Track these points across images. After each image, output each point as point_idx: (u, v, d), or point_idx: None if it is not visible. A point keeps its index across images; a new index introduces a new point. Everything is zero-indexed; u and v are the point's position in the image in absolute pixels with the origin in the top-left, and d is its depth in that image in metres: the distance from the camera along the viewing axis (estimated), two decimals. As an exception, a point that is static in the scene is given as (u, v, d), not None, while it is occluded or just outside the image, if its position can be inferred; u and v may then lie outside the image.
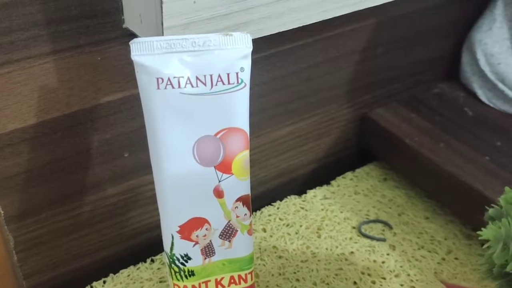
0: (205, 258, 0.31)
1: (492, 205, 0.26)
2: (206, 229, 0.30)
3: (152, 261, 0.42)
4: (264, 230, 0.45)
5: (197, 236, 0.30)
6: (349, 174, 0.51)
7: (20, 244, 0.36)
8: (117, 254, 0.42)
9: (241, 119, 0.30)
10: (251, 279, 0.32)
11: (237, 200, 0.31)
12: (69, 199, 0.37)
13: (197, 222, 0.30)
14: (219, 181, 0.30)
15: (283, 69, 0.42)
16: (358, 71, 0.47)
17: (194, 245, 0.30)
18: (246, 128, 0.30)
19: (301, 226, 0.45)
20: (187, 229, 0.30)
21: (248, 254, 0.32)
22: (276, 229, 0.45)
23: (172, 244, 0.30)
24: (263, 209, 0.47)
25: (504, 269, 0.26)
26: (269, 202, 0.47)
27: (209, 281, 0.31)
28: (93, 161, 0.36)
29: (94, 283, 0.40)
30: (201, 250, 0.31)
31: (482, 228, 0.24)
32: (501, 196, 0.27)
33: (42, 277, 0.39)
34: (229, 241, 0.31)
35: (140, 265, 0.42)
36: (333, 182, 0.50)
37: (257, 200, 0.47)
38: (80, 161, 0.36)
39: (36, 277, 0.38)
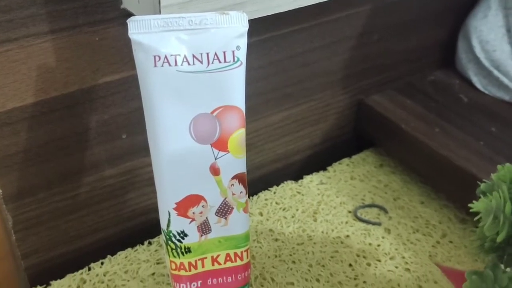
0: (202, 235, 0.31)
1: (484, 180, 0.27)
2: (203, 206, 0.31)
3: (150, 243, 0.43)
4: (261, 214, 0.46)
5: (193, 213, 0.31)
6: (345, 160, 0.51)
7: (18, 223, 0.37)
8: (115, 236, 0.42)
9: (237, 97, 0.30)
10: (247, 257, 0.33)
11: (233, 177, 0.31)
12: (67, 179, 0.37)
13: (194, 199, 0.31)
14: (215, 159, 0.30)
15: (279, 53, 0.42)
16: (354, 57, 0.47)
17: (191, 222, 0.31)
18: (242, 107, 0.30)
19: (297, 210, 0.46)
20: (184, 206, 0.30)
21: (244, 232, 0.32)
22: (273, 212, 0.46)
23: (169, 221, 0.31)
24: (259, 194, 0.47)
25: (495, 243, 0.26)
26: (265, 187, 0.48)
27: (205, 258, 0.32)
28: (91, 142, 0.37)
29: (92, 264, 0.41)
30: (198, 227, 0.31)
31: (474, 201, 0.25)
32: (493, 174, 0.28)
33: (40, 257, 0.39)
34: (225, 218, 0.31)
35: (137, 247, 0.42)
36: (329, 168, 0.50)
37: (254, 185, 0.47)
38: (78, 141, 0.36)
39: (34, 257, 0.39)
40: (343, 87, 0.49)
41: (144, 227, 0.43)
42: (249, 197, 0.47)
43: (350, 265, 0.41)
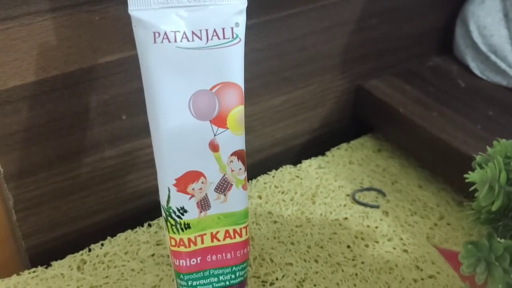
0: (201, 212, 0.32)
1: (479, 153, 0.27)
2: (202, 182, 0.31)
3: (150, 225, 0.43)
4: (260, 197, 0.46)
5: (193, 189, 0.31)
6: (343, 145, 0.52)
7: (19, 203, 0.37)
8: (115, 218, 0.42)
9: (236, 74, 0.30)
10: (246, 234, 0.33)
11: (232, 154, 0.31)
12: (68, 159, 0.38)
13: (193, 175, 0.31)
14: (215, 135, 0.31)
15: (278, 36, 0.43)
16: (353, 42, 0.48)
17: (190, 198, 0.31)
18: (241, 83, 0.31)
19: (296, 193, 0.46)
20: (183, 182, 0.31)
21: (243, 208, 0.32)
22: (272, 196, 0.46)
23: (169, 197, 0.31)
24: (258, 178, 0.48)
25: (490, 214, 0.27)
26: (264, 171, 0.48)
27: (205, 234, 0.32)
28: (91, 122, 0.37)
29: (92, 245, 0.41)
30: (197, 203, 0.31)
31: (470, 172, 0.25)
32: (489, 148, 0.28)
33: (41, 238, 0.39)
34: (224, 195, 0.32)
35: (137, 229, 0.43)
36: (327, 153, 0.51)
37: (253, 169, 0.48)
38: (78, 121, 0.37)
39: (35, 238, 0.39)
40: (342, 72, 0.49)
41: (144, 209, 0.43)
42: (248, 180, 0.47)
43: (349, 246, 0.42)
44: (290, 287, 0.38)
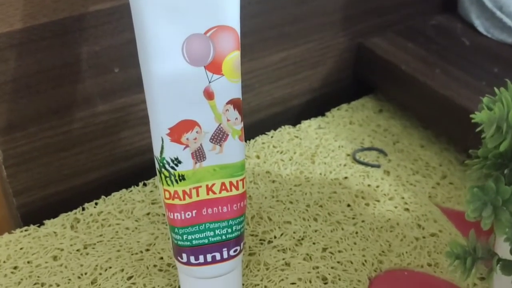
0: (196, 163, 0.30)
1: (487, 95, 0.26)
2: (197, 132, 0.30)
3: (145, 184, 0.42)
4: (258, 157, 0.45)
5: (187, 139, 0.30)
6: (344, 106, 0.50)
7: (9, 158, 0.36)
8: (109, 176, 0.41)
9: (232, 17, 0.29)
10: (243, 187, 0.32)
11: (228, 102, 0.30)
12: (59, 114, 0.36)
13: (187, 125, 0.30)
14: (209, 82, 0.29)
15: (277, -11, 0.41)
16: (354, -3, 0.46)
17: (185, 148, 0.30)
18: (237, 28, 0.29)
19: (295, 153, 0.45)
20: (177, 132, 0.30)
21: (239, 160, 0.31)
22: (270, 155, 0.45)
23: (162, 147, 0.30)
24: (256, 138, 0.46)
25: (497, 159, 0.25)
26: (263, 132, 0.47)
27: (200, 186, 0.31)
28: (82, 75, 0.36)
29: (86, 204, 0.40)
30: (192, 154, 0.30)
31: (476, 112, 0.24)
32: (497, 91, 0.27)
33: (32, 195, 0.38)
34: (220, 145, 0.31)
35: (132, 188, 0.42)
36: (327, 113, 0.50)
37: (251, 130, 0.46)
38: (69, 73, 0.35)
39: (26, 195, 0.38)
40: (343, 29, 0.47)
41: (139, 168, 0.42)
42: (246, 141, 0.46)
43: (349, 205, 0.41)
44: (288, 245, 0.37)
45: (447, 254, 0.26)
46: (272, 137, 0.47)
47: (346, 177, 0.43)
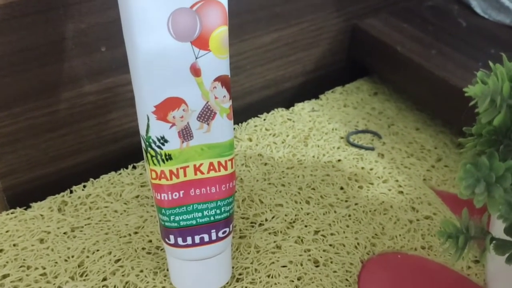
0: (183, 142, 0.30)
1: (481, 69, 0.25)
2: (183, 110, 0.29)
3: (134, 167, 0.41)
4: (250, 140, 0.44)
5: (173, 117, 0.29)
6: (338, 89, 0.50)
7: (-7, 139, 0.35)
8: (98, 159, 0.40)
9: (219, -10, 0.28)
10: (231, 167, 0.31)
11: (216, 79, 0.29)
12: (44, 93, 0.35)
13: (174, 102, 0.29)
14: (196, 58, 0.28)
15: (268, -34, 0.40)
16: (348, -23, 0.45)
17: (171, 126, 0.29)
18: (224, 2, 0.28)
19: (287, 136, 0.44)
20: (163, 109, 0.29)
21: (228, 140, 0.31)
22: (262, 138, 0.44)
23: (148, 126, 0.29)
24: (249, 121, 0.46)
25: (492, 136, 0.25)
26: (255, 114, 0.46)
27: (188, 166, 0.30)
28: (68, 53, 0.35)
29: (74, 187, 0.39)
30: (178, 132, 0.29)
31: (470, 86, 0.23)
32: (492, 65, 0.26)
33: (19, 178, 0.38)
34: (208, 124, 0.30)
35: (121, 171, 0.41)
36: (321, 96, 0.49)
37: (243, 113, 0.46)
38: (54, 52, 0.34)
39: (12, 178, 0.37)
40: (337, 10, 0.46)
41: (128, 151, 0.41)
42: (237, 124, 0.45)
43: (342, 188, 0.40)
44: (280, 228, 0.37)
45: (439, 233, 0.25)
46: (264, 119, 0.46)
47: (339, 160, 0.42)
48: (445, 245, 0.25)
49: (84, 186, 0.40)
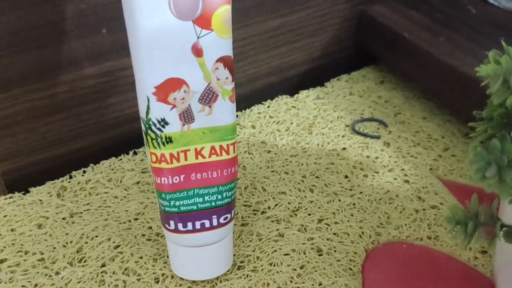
0: (184, 124, 0.29)
1: (493, 50, 0.24)
2: (184, 91, 0.28)
3: (135, 153, 0.41)
4: (253, 127, 0.43)
5: (174, 98, 0.28)
6: (344, 77, 0.49)
7: (-9, 122, 0.35)
8: (98, 145, 0.40)
9: (222, -33, 0.27)
10: (234, 151, 0.30)
11: (218, 60, 0.28)
12: (43, 75, 0.35)
13: (174, 83, 0.28)
14: (198, 38, 0.28)
15: (274, -51, 0.39)
16: (356, -38, 0.44)
17: (172, 108, 0.28)
18: (228, -21, 0.27)
19: (291, 123, 0.43)
20: (164, 91, 0.28)
21: (230, 123, 0.30)
22: (266, 126, 0.43)
23: (148, 107, 0.28)
24: (252, 108, 0.45)
25: (503, 119, 0.24)
26: (259, 101, 0.45)
27: (188, 150, 0.29)
28: (68, 34, 0.34)
29: (74, 172, 0.39)
30: (179, 115, 0.29)
31: (481, 65, 0.22)
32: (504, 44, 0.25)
33: (17, 162, 0.37)
34: (209, 106, 0.29)
35: (122, 156, 0.40)
36: (327, 84, 0.48)
37: (247, 99, 0.45)
38: (53, 32, 0.33)
39: (10, 162, 0.37)
40: (343, -5, 0.46)
41: (129, 137, 0.41)
42: (241, 111, 0.44)
43: (346, 176, 0.39)
44: (282, 216, 0.36)
45: (447, 219, 0.24)
46: (268, 107, 0.45)
47: (344, 148, 0.42)
48: (453, 232, 0.24)
49: (84, 172, 0.39)
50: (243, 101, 0.44)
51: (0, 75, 0.33)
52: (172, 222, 0.30)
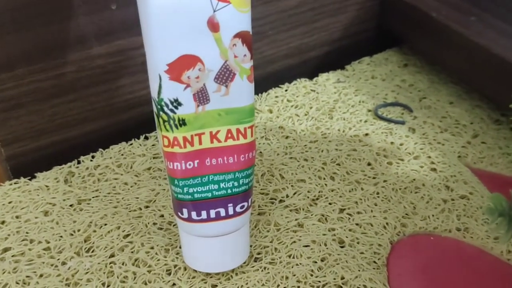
0: (198, 106, 0.27)
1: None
2: (199, 69, 0.26)
3: (146, 138, 0.39)
4: (270, 111, 0.41)
5: (188, 77, 0.26)
6: (366, 59, 0.46)
7: (-5, 103, 0.33)
8: (107, 128, 0.38)
9: None
10: (251, 135, 0.28)
11: (236, 36, 0.26)
12: (49, 54, 0.33)
13: (189, 61, 0.26)
14: (214, 11, 0.25)
15: None
16: None
17: (185, 88, 0.26)
18: None
19: (311, 108, 0.41)
20: (177, 68, 0.26)
21: (248, 104, 0.28)
22: (284, 110, 0.41)
23: (160, 86, 0.26)
24: (269, 91, 0.43)
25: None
26: (276, 85, 0.43)
27: (203, 133, 0.27)
28: (75, 10, 0.32)
29: (82, 157, 0.37)
30: (194, 95, 0.26)
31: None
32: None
33: (23, 146, 0.35)
34: (226, 86, 0.27)
35: (132, 141, 0.38)
36: (348, 67, 0.45)
37: (264, 82, 0.43)
38: (59, 8, 0.32)
39: (16, 146, 0.35)
40: (366, -27, 0.43)
41: (140, 120, 0.39)
42: (257, 94, 0.42)
43: (369, 164, 0.37)
44: (302, 205, 0.34)
45: (488, 210, 0.22)
46: (286, 90, 0.43)
47: (366, 134, 0.39)
48: (495, 224, 0.22)
49: (93, 157, 0.37)
50: (259, 84, 0.42)
51: (3, 53, 0.31)
52: (185, 210, 0.28)
